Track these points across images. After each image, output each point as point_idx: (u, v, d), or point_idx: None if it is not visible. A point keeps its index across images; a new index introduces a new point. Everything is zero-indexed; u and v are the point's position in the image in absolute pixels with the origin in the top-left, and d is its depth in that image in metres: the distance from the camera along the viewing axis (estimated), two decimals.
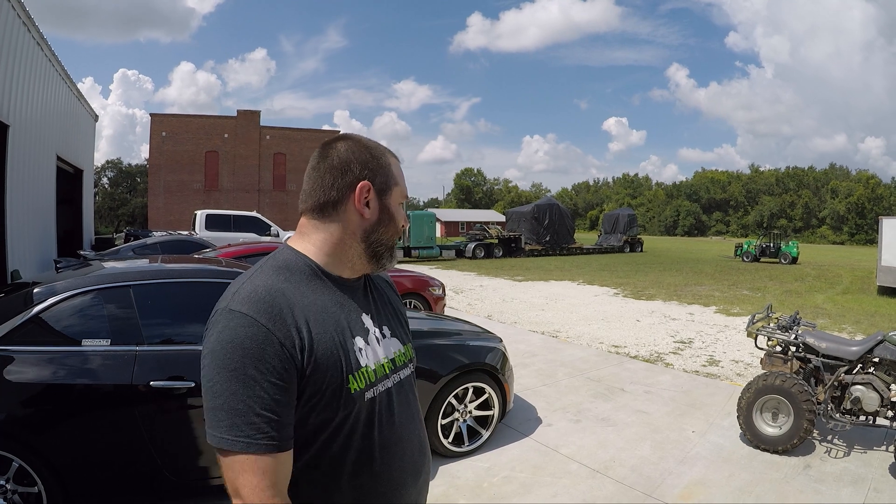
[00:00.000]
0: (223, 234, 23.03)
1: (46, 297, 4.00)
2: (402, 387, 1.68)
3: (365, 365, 1.54)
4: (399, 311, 1.83)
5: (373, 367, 1.56)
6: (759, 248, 37.14)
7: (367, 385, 1.53)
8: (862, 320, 13.94)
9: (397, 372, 1.66)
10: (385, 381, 1.59)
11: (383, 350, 1.63)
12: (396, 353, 1.68)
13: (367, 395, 1.52)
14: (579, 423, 6.38)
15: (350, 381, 1.47)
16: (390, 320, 1.73)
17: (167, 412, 4.04)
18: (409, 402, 1.69)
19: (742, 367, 9.22)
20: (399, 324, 1.78)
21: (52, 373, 3.77)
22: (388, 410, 1.59)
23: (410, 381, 1.74)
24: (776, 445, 5.54)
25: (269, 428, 1.32)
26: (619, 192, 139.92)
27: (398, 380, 1.66)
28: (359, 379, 1.50)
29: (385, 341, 1.65)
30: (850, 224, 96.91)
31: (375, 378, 1.56)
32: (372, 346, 1.59)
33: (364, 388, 1.51)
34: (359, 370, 1.51)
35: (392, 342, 1.68)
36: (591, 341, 11.18)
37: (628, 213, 49.65)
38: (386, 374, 1.60)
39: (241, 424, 1.31)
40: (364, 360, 1.54)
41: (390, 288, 1.87)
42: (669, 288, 20.41)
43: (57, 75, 19.07)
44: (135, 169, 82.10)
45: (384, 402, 1.58)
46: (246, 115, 48.47)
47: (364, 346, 1.56)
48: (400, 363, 1.69)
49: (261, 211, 38.32)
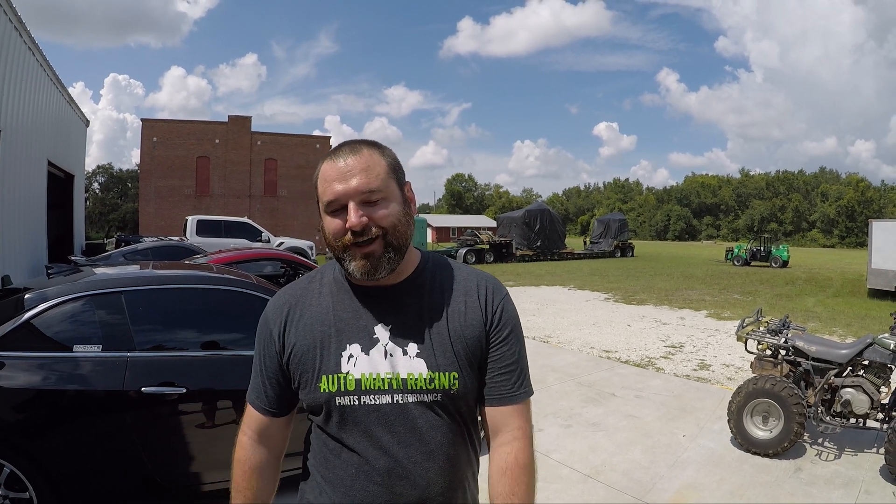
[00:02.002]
0: (214, 239, 23.06)
1: (37, 303, 3.98)
2: (412, 410, 1.55)
3: (347, 372, 1.54)
4: (456, 331, 1.60)
5: (356, 377, 1.54)
6: (749, 251, 37.30)
7: (341, 391, 1.54)
8: (852, 323, 14.01)
9: (407, 394, 1.55)
10: (378, 395, 1.54)
11: (389, 365, 1.55)
12: (410, 375, 1.55)
13: (338, 400, 1.55)
14: (570, 428, 6.39)
15: (322, 380, 1.56)
16: (426, 338, 1.58)
17: (158, 418, 4.03)
18: (418, 429, 1.55)
19: (732, 370, 9.25)
20: (442, 346, 1.58)
21: (43, 378, 3.76)
22: (375, 426, 1.54)
23: (431, 408, 1.57)
24: (767, 449, 5.56)
25: (258, 390, 1.73)
26: (609, 197, 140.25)
27: (405, 401, 1.55)
28: (331, 382, 1.55)
29: (400, 359, 1.56)
30: (841, 227, 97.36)
31: (357, 388, 1.54)
32: (372, 357, 1.56)
33: (335, 393, 1.54)
34: (335, 374, 1.55)
35: (413, 362, 1.56)
36: (581, 346, 11.20)
37: (619, 218, 49.79)
38: (383, 389, 1.54)
39: (251, 382, 1.76)
40: (348, 367, 1.55)
41: (467, 304, 1.64)
42: (660, 292, 20.46)
43: (48, 80, 19.02)
44: (126, 174, 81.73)
45: (369, 416, 1.54)
46: (237, 121, 48.28)
47: (358, 355, 1.55)
48: (414, 387, 1.55)
49: (252, 216, 38.19)
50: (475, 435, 1.72)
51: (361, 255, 1.52)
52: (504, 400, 1.65)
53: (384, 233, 1.53)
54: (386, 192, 1.54)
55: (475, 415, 1.70)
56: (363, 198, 1.51)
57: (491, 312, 1.65)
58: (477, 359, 1.63)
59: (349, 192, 1.50)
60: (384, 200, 1.53)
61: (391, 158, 1.60)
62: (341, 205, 1.51)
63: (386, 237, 1.53)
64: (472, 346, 1.61)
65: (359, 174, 1.51)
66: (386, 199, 1.54)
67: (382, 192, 1.53)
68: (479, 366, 1.64)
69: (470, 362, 1.61)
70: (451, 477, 1.60)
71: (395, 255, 1.56)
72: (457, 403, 1.61)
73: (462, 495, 1.68)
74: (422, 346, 1.58)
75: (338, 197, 1.51)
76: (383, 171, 1.55)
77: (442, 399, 1.57)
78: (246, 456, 1.75)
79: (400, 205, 1.57)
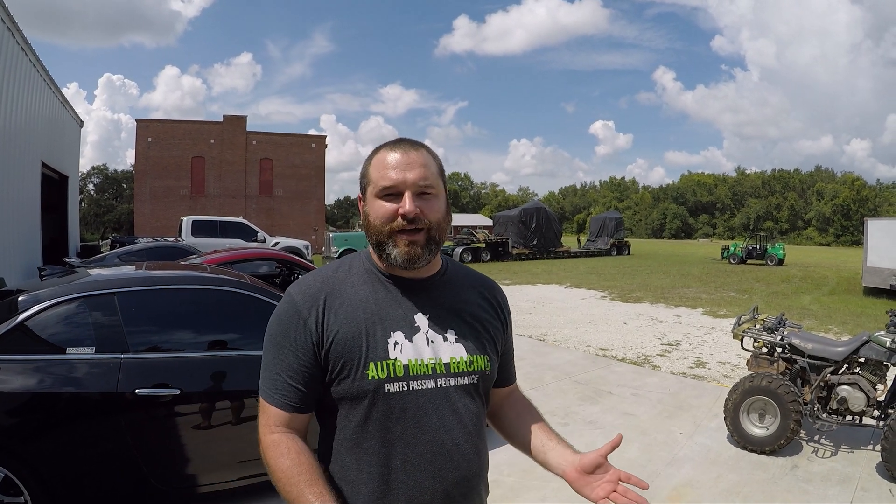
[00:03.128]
0: (210, 240, 22.99)
1: (31, 305, 3.96)
2: (453, 393, 1.63)
3: (395, 358, 1.58)
4: (482, 321, 1.75)
5: (404, 363, 1.58)
6: (745, 250, 37.36)
7: (391, 378, 1.57)
8: (848, 321, 14.03)
9: (449, 377, 1.63)
10: (425, 380, 1.60)
11: (431, 351, 1.62)
12: (453, 359, 1.64)
13: (388, 387, 1.57)
14: (567, 427, 6.39)
15: (370, 367, 1.56)
16: (461, 327, 1.69)
17: (153, 420, 4.02)
18: (458, 411, 1.63)
19: (729, 368, 9.26)
20: (475, 334, 1.71)
21: (36, 381, 3.73)
22: (423, 411, 1.59)
23: (467, 391, 1.67)
24: (763, 446, 5.56)
25: (283, 387, 1.60)
26: (606, 196, 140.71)
27: (447, 385, 1.63)
28: (380, 368, 1.56)
29: (441, 344, 1.64)
30: (836, 226, 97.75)
31: (406, 374, 1.58)
32: (416, 343, 1.61)
33: (384, 379, 1.56)
34: (384, 360, 1.57)
35: (454, 347, 1.66)
36: (578, 344, 11.20)
37: (615, 217, 49.81)
38: (428, 374, 1.60)
39: (266, 378, 1.64)
40: (396, 353, 1.59)
41: (483, 299, 1.81)
42: (656, 290, 20.49)
43: (41, 81, 18.96)
44: (120, 175, 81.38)
45: (417, 401, 1.59)
46: (232, 121, 48.25)
47: (403, 342, 1.60)
48: (456, 370, 1.64)
49: (247, 217, 38.17)
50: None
51: (408, 241, 1.58)
52: (509, 381, 1.97)
53: (430, 227, 1.61)
54: (437, 190, 1.64)
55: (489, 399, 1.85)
56: (419, 190, 1.59)
57: (505, 310, 1.88)
58: (499, 346, 1.81)
59: (408, 182, 1.58)
60: (434, 197, 1.63)
61: (440, 162, 1.71)
62: (398, 191, 1.59)
63: (430, 231, 1.61)
64: (495, 334, 1.79)
65: (418, 168, 1.60)
66: (436, 196, 1.64)
67: (435, 189, 1.63)
68: (499, 352, 1.82)
69: (495, 348, 1.78)
70: (483, 456, 1.70)
71: (435, 248, 1.65)
72: (487, 385, 1.76)
73: (487, 473, 1.78)
74: (459, 332, 1.68)
75: (396, 183, 1.58)
76: (436, 170, 1.66)
77: (478, 381, 1.69)
78: (280, 442, 1.57)
79: (445, 204, 1.68)
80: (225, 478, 4.20)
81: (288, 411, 1.61)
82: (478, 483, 1.69)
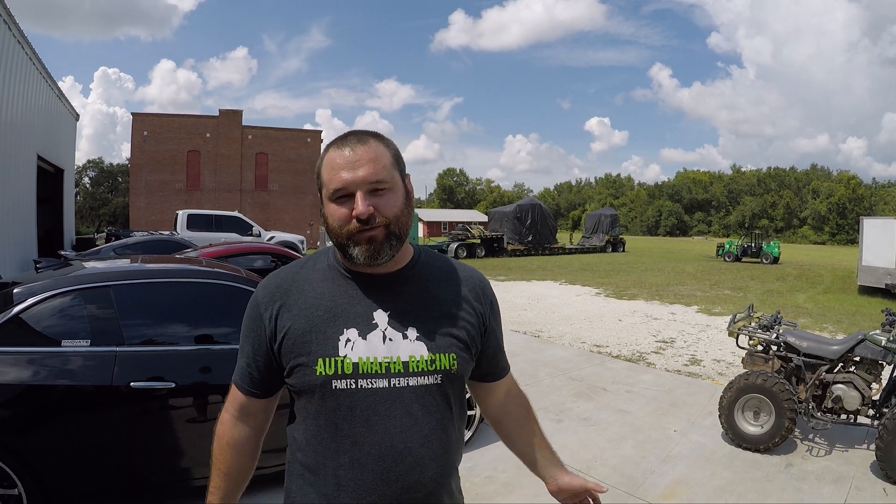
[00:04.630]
0: (205, 234, 23.00)
1: (26, 298, 3.95)
2: (409, 394, 1.59)
3: (345, 355, 1.57)
4: (453, 316, 1.69)
5: (354, 361, 1.56)
6: (740, 248, 37.35)
7: (339, 375, 1.56)
8: (843, 320, 14.07)
9: (407, 377, 1.59)
10: (375, 379, 1.57)
11: (387, 349, 1.59)
12: (412, 358, 1.59)
13: (335, 383, 1.56)
14: (561, 423, 6.39)
15: (318, 363, 1.56)
16: (427, 323, 1.64)
17: (148, 413, 4.01)
18: (413, 413, 1.58)
19: (724, 366, 9.28)
20: (443, 330, 1.65)
21: (31, 374, 3.72)
22: (373, 410, 1.56)
23: (429, 392, 1.61)
24: (758, 444, 5.57)
25: (243, 372, 1.75)
26: (601, 193, 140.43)
27: (403, 385, 1.59)
28: (328, 365, 1.56)
29: (400, 342, 1.60)
30: (832, 224, 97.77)
31: (355, 372, 1.56)
32: (370, 341, 1.58)
33: (332, 376, 1.56)
34: (332, 357, 1.57)
35: (414, 345, 1.60)
36: (573, 341, 11.20)
37: (610, 214, 49.81)
38: (380, 373, 1.57)
39: (237, 364, 1.78)
40: (346, 350, 1.57)
41: (460, 292, 1.75)
42: (651, 288, 20.51)
43: (38, 74, 18.89)
44: (116, 168, 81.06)
45: (367, 400, 1.56)
46: (228, 115, 48.07)
47: (356, 339, 1.58)
48: (415, 369, 1.59)
49: (243, 211, 38.05)
50: (462, 423, 1.78)
51: (366, 239, 1.56)
52: (499, 375, 1.94)
53: (388, 222, 1.57)
54: (391, 183, 1.59)
55: (465, 399, 1.78)
56: (370, 187, 1.55)
57: (487, 302, 1.80)
58: (475, 342, 1.73)
59: (357, 181, 1.54)
60: (389, 191, 1.58)
61: (394, 150, 1.65)
62: (348, 193, 1.55)
63: (389, 227, 1.57)
64: (469, 330, 1.71)
65: (367, 164, 1.55)
66: (391, 189, 1.59)
67: (388, 183, 1.58)
68: (474, 348, 1.74)
69: (467, 345, 1.69)
70: (443, 461, 1.63)
71: (397, 242, 1.60)
72: (455, 384, 1.68)
73: (453, 481, 1.72)
74: (422, 329, 1.63)
75: (346, 185, 1.55)
76: (388, 162, 1.60)
77: (441, 381, 1.63)
78: (224, 431, 1.79)
79: (402, 196, 1.63)
80: None
81: (244, 393, 1.76)
82: (436, 489, 1.62)
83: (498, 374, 1.93)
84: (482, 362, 1.82)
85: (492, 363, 1.87)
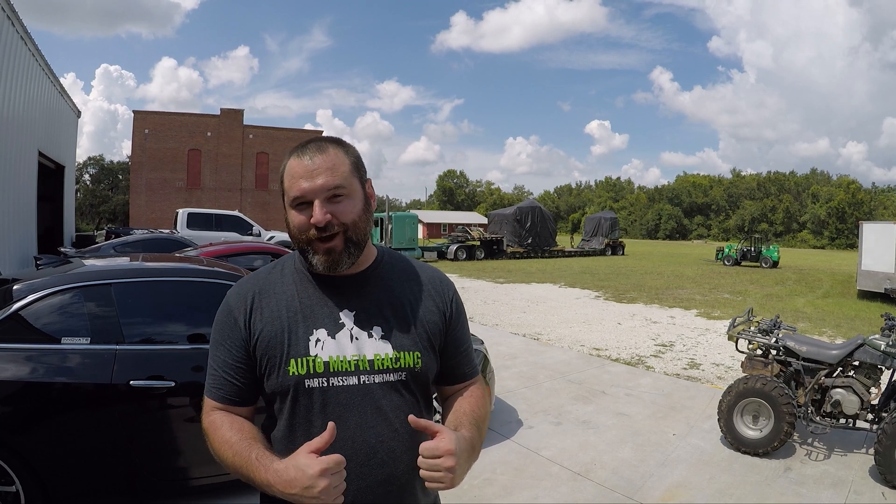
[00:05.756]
0: (205, 232, 22.94)
1: (26, 294, 3.95)
2: (377, 390, 1.65)
3: (316, 355, 1.63)
4: (416, 316, 1.74)
5: (325, 360, 1.62)
6: (740, 251, 37.40)
7: (311, 374, 1.62)
8: (842, 324, 14.08)
9: (374, 374, 1.65)
10: (346, 377, 1.63)
11: (355, 348, 1.64)
12: (377, 356, 1.65)
13: (308, 383, 1.62)
14: (560, 426, 6.39)
15: (291, 363, 1.62)
16: (390, 322, 1.70)
17: (147, 412, 4.01)
18: (382, 409, 1.64)
19: (723, 370, 9.28)
20: (406, 329, 1.71)
21: (30, 371, 3.72)
22: (344, 407, 1.62)
23: (395, 388, 1.67)
24: (757, 448, 5.57)
25: (220, 382, 1.69)
26: (601, 196, 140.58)
27: (371, 382, 1.65)
28: (300, 365, 1.62)
29: (366, 341, 1.66)
30: (831, 228, 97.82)
31: (326, 370, 1.62)
32: (339, 340, 1.64)
33: (304, 375, 1.62)
34: (304, 357, 1.62)
35: (379, 344, 1.66)
36: (572, 344, 11.20)
37: (610, 217, 49.90)
38: (350, 371, 1.63)
39: (208, 376, 1.72)
40: (317, 350, 1.63)
41: (423, 292, 1.79)
42: (651, 291, 20.51)
43: (40, 70, 18.90)
44: (117, 166, 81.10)
45: (338, 397, 1.62)
46: (229, 114, 48.17)
47: (325, 339, 1.64)
48: (380, 367, 1.65)
49: (243, 210, 38.13)
50: (431, 417, 1.80)
51: (324, 250, 1.62)
52: (466, 377, 1.91)
53: (345, 229, 1.62)
54: (349, 190, 1.63)
55: (431, 397, 1.85)
56: (328, 195, 1.60)
57: (447, 301, 1.84)
58: (437, 341, 1.78)
59: (315, 190, 1.59)
60: (347, 198, 1.63)
61: (354, 157, 1.70)
62: (307, 201, 1.60)
63: (347, 233, 1.63)
64: (432, 329, 1.77)
65: (325, 173, 1.60)
66: (348, 196, 1.63)
67: (346, 190, 1.62)
68: (438, 347, 1.79)
69: (430, 343, 1.76)
70: (415, 454, 1.62)
71: (355, 249, 1.66)
72: (419, 381, 1.74)
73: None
74: (386, 328, 1.69)
75: (304, 193, 1.59)
76: (347, 169, 1.64)
77: (406, 378, 1.70)
78: (213, 419, 1.68)
79: (361, 202, 1.67)
80: (218, 471, 4.16)
81: (225, 404, 1.69)
82: (410, 481, 1.67)
83: (459, 377, 1.90)
84: (442, 361, 1.83)
85: (453, 366, 1.87)
